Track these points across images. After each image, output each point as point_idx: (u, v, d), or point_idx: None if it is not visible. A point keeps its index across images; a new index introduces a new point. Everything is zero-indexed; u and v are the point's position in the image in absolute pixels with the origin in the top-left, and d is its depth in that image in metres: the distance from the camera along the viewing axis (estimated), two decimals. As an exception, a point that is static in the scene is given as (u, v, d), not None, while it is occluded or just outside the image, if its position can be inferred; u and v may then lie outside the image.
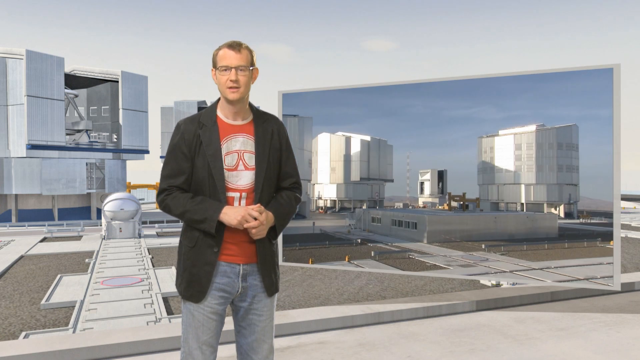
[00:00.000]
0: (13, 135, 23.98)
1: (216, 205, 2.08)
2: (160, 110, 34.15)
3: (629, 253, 10.50)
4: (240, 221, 2.05)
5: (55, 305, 6.97)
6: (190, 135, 2.15)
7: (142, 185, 39.56)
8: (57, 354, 3.97)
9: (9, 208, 25.47)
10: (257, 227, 2.07)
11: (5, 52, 24.13)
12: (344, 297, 6.78)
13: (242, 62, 2.10)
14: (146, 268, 9.94)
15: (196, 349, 2.16)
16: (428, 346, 4.28)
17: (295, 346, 4.30)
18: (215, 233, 2.08)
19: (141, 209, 16.91)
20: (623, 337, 4.44)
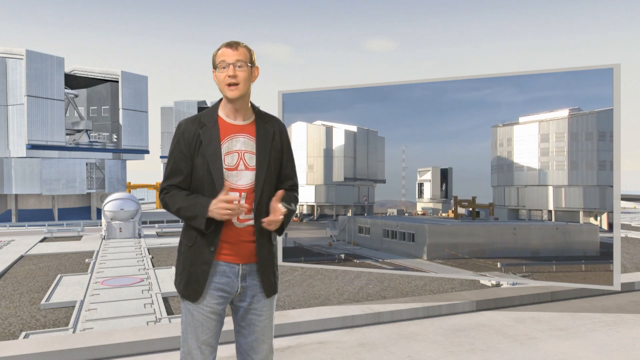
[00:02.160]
0: (13, 135, 23.97)
1: (207, 201, 2.07)
2: (160, 110, 34.17)
3: (629, 253, 10.50)
4: (222, 214, 2.02)
5: (55, 305, 6.97)
6: (190, 135, 2.16)
7: (142, 185, 39.58)
8: (57, 354, 3.97)
9: (9, 208, 25.47)
10: (236, 208, 2.03)
11: (5, 52, 24.12)
12: (344, 297, 6.78)
13: (240, 57, 2.10)
14: (146, 268, 9.94)
15: (195, 348, 2.16)
16: (428, 346, 4.28)
17: (295, 346, 4.30)
18: (210, 231, 2.09)
19: (141, 209, 16.90)
20: (623, 337, 4.44)
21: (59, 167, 24.97)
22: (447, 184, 4.70)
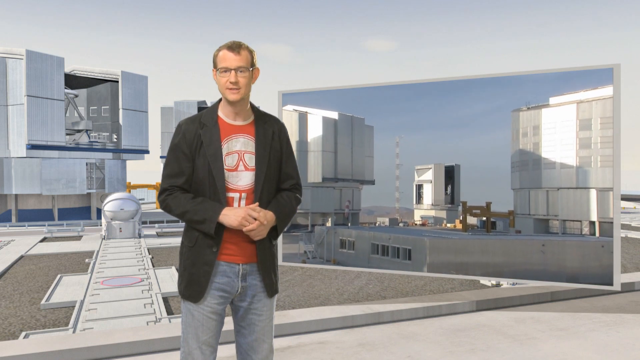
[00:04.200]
0: (13, 135, 23.98)
1: (216, 206, 2.09)
2: (160, 110, 34.17)
3: (629, 253, 10.50)
4: (241, 222, 2.06)
5: (55, 305, 6.97)
6: (191, 135, 2.16)
7: (142, 185, 39.57)
8: (57, 354, 3.97)
9: (9, 208, 25.47)
10: (257, 229, 2.08)
11: (5, 52, 24.13)
12: (344, 297, 6.78)
13: (241, 63, 2.11)
14: (146, 268, 9.94)
15: (196, 348, 2.16)
16: (428, 346, 4.28)
17: (295, 346, 4.30)
18: (214, 234, 2.09)
19: (141, 209, 16.90)
20: (623, 337, 4.45)
21: (59, 167, 24.98)
22: (454, 186, 3.71)
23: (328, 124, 3.85)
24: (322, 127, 3.86)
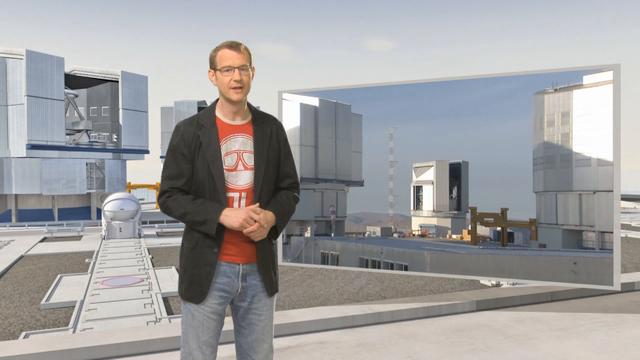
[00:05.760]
0: (13, 135, 23.98)
1: (217, 207, 2.09)
2: (160, 110, 34.15)
3: (629, 253, 10.50)
4: (242, 224, 2.06)
5: (55, 305, 6.97)
6: (189, 137, 2.16)
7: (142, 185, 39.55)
8: (57, 354, 3.97)
9: (9, 208, 25.47)
10: (257, 230, 2.08)
11: (5, 52, 24.13)
12: (344, 297, 6.78)
13: (244, 61, 2.12)
14: (146, 268, 9.94)
15: (196, 349, 2.16)
16: (428, 346, 4.28)
17: (295, 346, 4.30)
18: (215, 234, 2.09)
19: (141, 209, 16.90)
20: (623, 337, 4.45)
21: (59, 167, 24.98)
22: (460, 188, 3.06)
23: (307, 112, 3.08)
24: (301, 116, 3.11)
